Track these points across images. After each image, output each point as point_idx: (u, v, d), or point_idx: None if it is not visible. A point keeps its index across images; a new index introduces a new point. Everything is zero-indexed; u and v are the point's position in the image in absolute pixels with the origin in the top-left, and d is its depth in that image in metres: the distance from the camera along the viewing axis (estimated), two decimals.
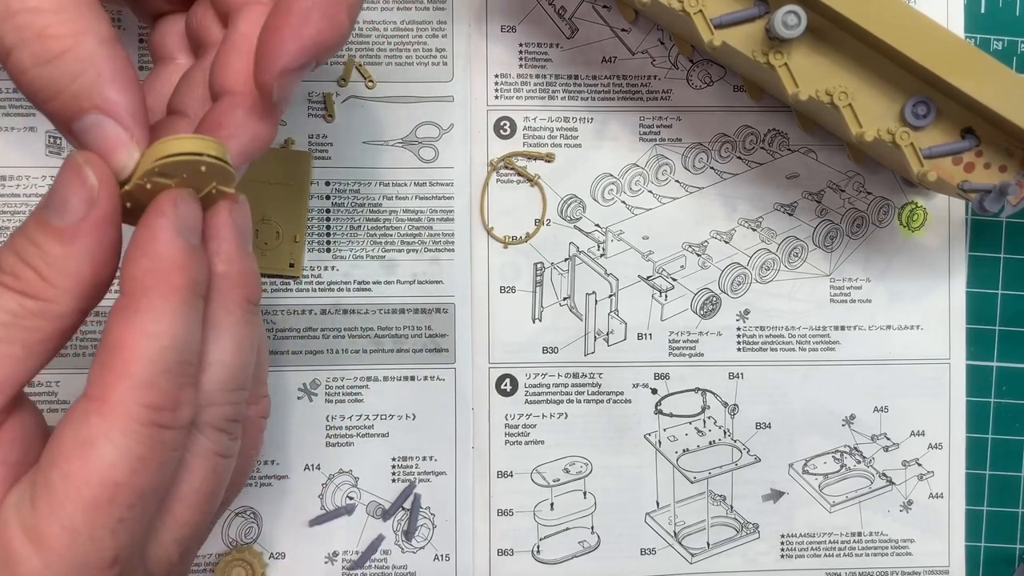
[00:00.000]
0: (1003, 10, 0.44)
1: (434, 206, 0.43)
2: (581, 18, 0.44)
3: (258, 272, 0.28)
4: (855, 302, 0.45)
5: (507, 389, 0.44)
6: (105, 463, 0.23)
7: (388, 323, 0.43)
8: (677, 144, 0.44)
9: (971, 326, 0.45)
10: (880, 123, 0.37)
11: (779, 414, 0.44)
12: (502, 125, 0.43)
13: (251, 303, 0.27)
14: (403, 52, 0.43)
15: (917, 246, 0.45)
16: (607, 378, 0.44)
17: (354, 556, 0.43)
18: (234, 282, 0.26)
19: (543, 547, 0.44)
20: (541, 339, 0.44)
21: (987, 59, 0.36)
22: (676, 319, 0.44)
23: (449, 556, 0.43)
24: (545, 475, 0.44)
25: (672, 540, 0.44)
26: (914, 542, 0.45)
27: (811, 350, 0.44)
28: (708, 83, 0.44)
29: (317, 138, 0.43)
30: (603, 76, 0.44)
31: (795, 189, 0.44)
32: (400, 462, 0.43)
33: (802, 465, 0.45)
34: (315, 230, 0.43)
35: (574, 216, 0.44)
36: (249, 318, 0.27)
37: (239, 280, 0.27)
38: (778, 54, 0.37)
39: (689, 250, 0.44)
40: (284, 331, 0.43)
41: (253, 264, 0.27)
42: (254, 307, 0.27)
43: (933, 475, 0.45)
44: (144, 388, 0.23)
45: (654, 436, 0.44)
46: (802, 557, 0.45)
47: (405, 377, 0.43)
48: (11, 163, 0.42)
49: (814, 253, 0.44)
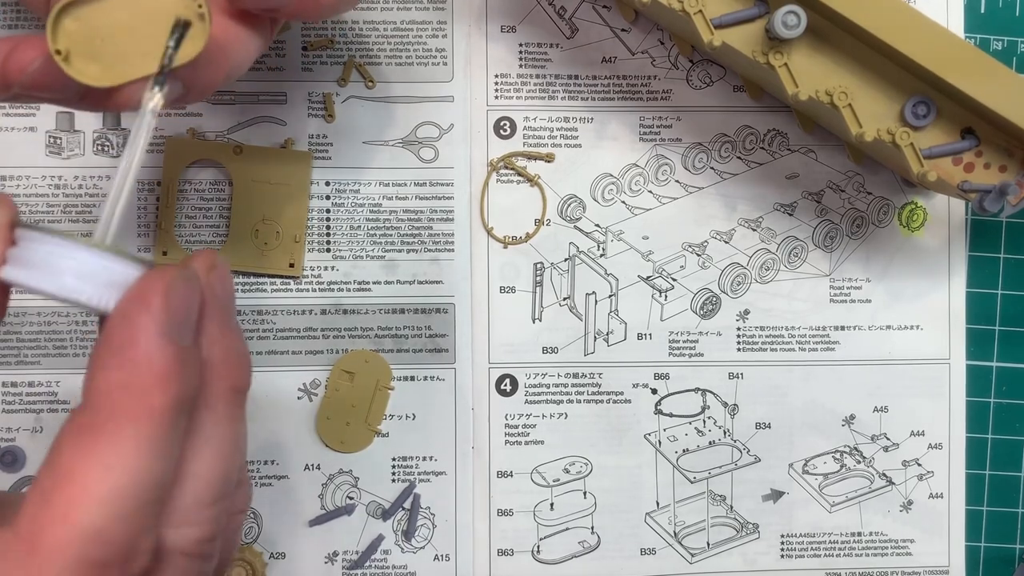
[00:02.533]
0: (1003, 10, 0.44)
1: (434, 206, 0.43)
2: (581, 18, 0.44)
3: (246, 352, 0.23)
4: (855, 302, 0.45)
5: (507, 389, 0.44)
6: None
7: (388, 323, 0.43)
8: (677, 144, 0.44)
9: (971, 326, 0.45)
10: (880, 123, 0.37)
11: (779, 414, 0.44)
12: (502, 125, 0.43)
13: (239, 393, 0.22)
14: (403, 52, 0.43)
15: (917, 246, 0.45)
16: (607, 378, 0.44)
17: (354, 556, 0.43)
18: (216, 371, 0.22)
19: (543, 547, 0.44)
20: (541, 339, 0.44)
21: (987, 59, 0.36)
22: (676, 319, 0.44)
23: (449, 556, 0.43)
24: (545, 475, 0.44)
25: (672, 540, 0.44)
26: (914, 542, 0.45)
27: (811, 350, 0.44)
28: (708, 83, 0.44)
29: (317, 138, 0.43)
30: (603, 76, 0.44)
31: (795, 189, 0.44)
32: (400, 462, 0.43)
33: (802, 465, 0.45)
34: (315, 230, 0.43)
35: (574, 216, 0.44)
36: (235, 414, 0.22)
37: (223, 367, 0.22)
38: (778, 54, 0.37)
39: (689, 250, 0.44)
40: (284, 331, 0.43)
41: (240, 343, 0.23)
42: (241, 397, 0.22)
43: (933, 475, 0.45)
44: (89, 540, 0.18)
45: (654, 436, 0.44)
46: (802, 557, 0.45)
47: (405, 377, 0.43)
48: (11, 163, 0.42)
49: (814, 253, 0.44)
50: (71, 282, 0.21)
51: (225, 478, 0.22)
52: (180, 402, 0.20)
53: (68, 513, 0.18)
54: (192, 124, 0.42)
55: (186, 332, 0.20)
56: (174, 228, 0.42)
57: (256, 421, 0.43)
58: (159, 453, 0.19)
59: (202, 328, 0.21)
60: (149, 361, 0.19)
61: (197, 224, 0.42)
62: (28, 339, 0.42)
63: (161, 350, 0.19)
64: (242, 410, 0.23)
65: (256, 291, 0.43)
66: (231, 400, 0.22)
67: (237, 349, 0.22)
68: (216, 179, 0.42)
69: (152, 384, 0.19)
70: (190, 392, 0.20)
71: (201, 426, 0.21)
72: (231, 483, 0.22)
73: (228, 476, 0.22)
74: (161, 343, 0.19)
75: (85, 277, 0.21)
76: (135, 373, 0.19)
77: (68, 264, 0.21)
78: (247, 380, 0.22)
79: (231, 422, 0.22)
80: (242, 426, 0.23)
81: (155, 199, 0.42)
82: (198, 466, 0.21)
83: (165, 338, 0.20)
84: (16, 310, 0.42)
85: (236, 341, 0.22)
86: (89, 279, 0.21)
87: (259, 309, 0.43)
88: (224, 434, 0.22)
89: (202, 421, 0.21)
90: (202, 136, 0.42)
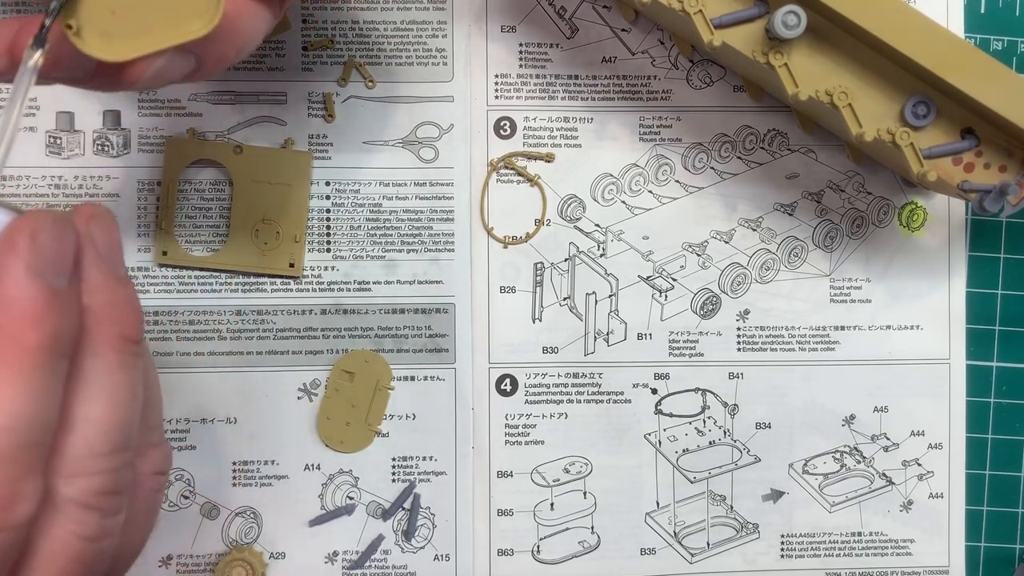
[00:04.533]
0: (1003, 10, 0.44)
1: (434, 206, 0.43)
2: (581, 18, 0.44)
3: (135, 301, 0.23)
4: (855, 302, 0.45)
5: (507, 389, 0.44)
6: None
7: (388, 323, 0.43)
8: (677, 144, 0.44)
9: (971, 326, 0.45)
10: (880, 123, 0.37)
11: (779, 414, 0.44)
12: (502, 125, 0.43)
13: (128, 341, 0.22)
14: (403, 52, 0.43)
15: (917, 246, 0.45)
16: (607, 378, 0.44)
17: (354, 556, 0.43)
18: (101, 317, 0.21)
19: (543, 547, 0.44)
20: (541, 339, 0.44)
21: (987, 59, 0.36)
22: (676, 319, 0.44)
23: (449, 556, 0.43)
24: (545, 475, 0.44)
25: (672, 540, 0.44)
26: (914, 542, 0.45)
27: (811, 350, 0.44)
28: (708, 83, 0.44)
29: (317, 138, 0.43)
30: (603, 76, 0.44)
31: (795, 189, 0.44)
32: (400, 462, 0.43)
33: (802, 465, 0.45)
34: (315, 230, 0.43)
35: (574, 216, 0.44)
36: (126, 360, 0.22)
37: (109, 314, 0.21)
38: (778, 54, 0.37)
39: (689, 250, 0.44)
40: (284, 331, 0.43)
41: (128, 291, 0.22)
42: (133, 345, 0.22)
43: (933, 475, 0.45)
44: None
45: (654, 436, 0.44)
46: (802, 557, 0.45)
47: (405, 377, 0.43)
48: (11, 163, 0.42)
49: (814, 253, 0.44)
50: None
51: (121, 427, 0.21)
52: (54, 341, 0.19)
53: None
54: (192, 124, 0.42)
55: (58, 275, 0.20)
56: (174, 228, 0.42)
57: (256, 421, 0.43)
58: (36, 393, 0.19)
59: (82, 275, 0.21)
60: (18, 300, 0.19)
61: (197, 224, 0.42)
62: None
63: (29, 289, 0.19)
64: (137, 359, 0.22)
65: (256, 291, 0.43)
66: (120, 348, 0.22)
67: (125, 297, 0.22)
68: (216, 179, 0.42)
69: (22, 323, 0.19)
70: (66, 333, 0.20)
71: (88, 372, 0.21)
72: (129, 434, 0.22)
73: (124, 426, 0.22)
74: (29, 282, 0.19)
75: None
76: (3, 313, 0.19)
77: None
78: (137, 328, 0.22)
79: (123, 369, 0.22)
80: (136, 375, 0.22)
81: (155, 199, 0.42)
82: (88, 413, 0.21)
83: (33, 278, 0.19)
84: None
85: (123, 289, 0.22)
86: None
87: (259, 309, 0.43)
88: (116, 381, 0.21)
89: (88, 367, 0.21)
90: (202, 136, 0.42)
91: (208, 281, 0.43)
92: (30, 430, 0.19)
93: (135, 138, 0.42)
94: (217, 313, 0.43)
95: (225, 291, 0.43)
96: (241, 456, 0.43)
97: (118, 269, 0.22)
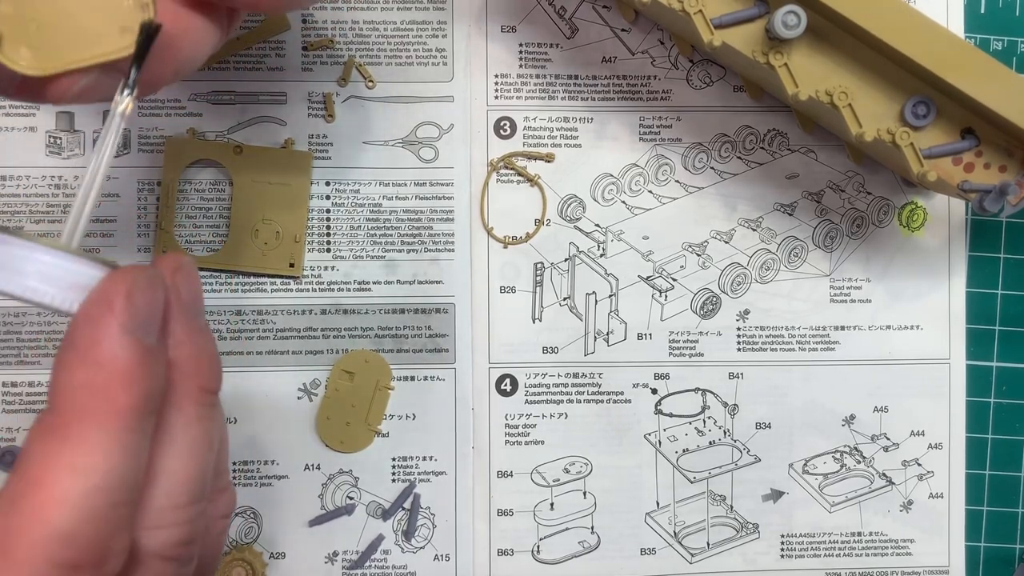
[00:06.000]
0: (1003, 10, 0.44)
1: (434, 206, 0.43)
2: (581, 18, 0.44)
3: (215, 352, 0.23)
4: (855, 302, 0.45)
5: (507, 389, 0.44)
6: None
7: (388, 323, 0.43)
8: (677, 144, 0.44)
9: (971, 326, 0.45)
10: (880, 123, 0.37)
11: (779, 414, 0.44)
12: (502, 125, 0.43)
13: (208, 392, 0.22)
14: (403, 52, 0.43)
15: (917, 246, 0.45)
16: (607, 378, 0.44)
17: (354, 556, 0.43)
18: (184, 371, 0.21)
19: (543, 547, 0.44)
20: (541, 339, 0.44)
21: (987, 59, 0.36)
22: (676, 319, 0.44)
23: (449, 556, 0.43)
24: (545, 475, 0.44)
25: (672, 540, 0.44)
26: (914, 542, 0.45)
27: (811, 350, 0.44)
28: (708, 83, 0.44)
29: (317, 138, 0.43)
30: (603, 76, 0.44)
31: (795, 189, 0.44)
32: (400, 462, 0.43)
33: (802, 465, 0.45)
34: (315, 230, 0.43)
35: (574, 216, 0.44)
36: (205, 413, 0.22)
37: (191, 367, 0.22)
38: (778, 54, 0.37)
39: (689, 250, 0.44)
40: (284, 331, 0.43)
41: (208, 343, 0.23)
42: (212, 396, 0.22)
43: (933, 475, 0.45)
44: (60, 542, 0.18)
45: (654, 436, 0.44)
46: (802, 557, 0.45)
47: (405, 377, 0.43)
48: (11, 163, 0.42)
49: (814, 253, 0.44)
50: (35, 284, 0.21)
51: (199, 479, 0.22)
52: (146, 401, 0.20)
53: (38, 517, 0.18)
54: (192, 124, 0.42)
55: (150, 332, 0.20)
56: (174, 228, 0.42)
57: (256, 421, 0.43)
58: (127, 453, 0.19)
59: (168, 329, 0.21)
60: (113, 361, 0.19)
61: (197, 224, 0.42)
62: (28, 339, 0.42)
63: (124, 349, 0.19)
64: (213, 410, 0.23)
65: (256, 291, 0.43)
66: (200, 400, 0.22)
67: (205, 349, 0.22)
68: (216, 179, 0.42)
69: (116, 383, 0.19)
70: (156, 391, 0.20)
71: (170, 426, 0.21)
72: (205, 484, 0.22)
73: (202, 477, 0.22)
74: (124, 342, 0.19)
75: (49, 279, 0.21)
76: (99, 373, 0.19)
77: (32, 266, 0.21)
78: (217, 380, 0.22)
79: (201, 422, 0.22)
80: (213, 426, 0.23)
81: (155, 199, 0.42)
82: (170, 466, 0.21)
83: (128, 337, 0.19)
84: (16, 310, 0.42)
85: (204, 341, 0.22)
86: (53, 281, 0.21)
87: (259, 309, 0.43)
88: (195, 434, 0.22)
89: (171, 421, 0.21)
90: (202, 136, 0.42)
91: (208, 281, 0.43)
92: (121, 489, 0.19)
93: (135, 138, 0.42)
94: (217, 313, 0.43)
95: (225, 291, 0.43)
96: (241, 456, 0.43)
97: (200, 320, 0.22)
